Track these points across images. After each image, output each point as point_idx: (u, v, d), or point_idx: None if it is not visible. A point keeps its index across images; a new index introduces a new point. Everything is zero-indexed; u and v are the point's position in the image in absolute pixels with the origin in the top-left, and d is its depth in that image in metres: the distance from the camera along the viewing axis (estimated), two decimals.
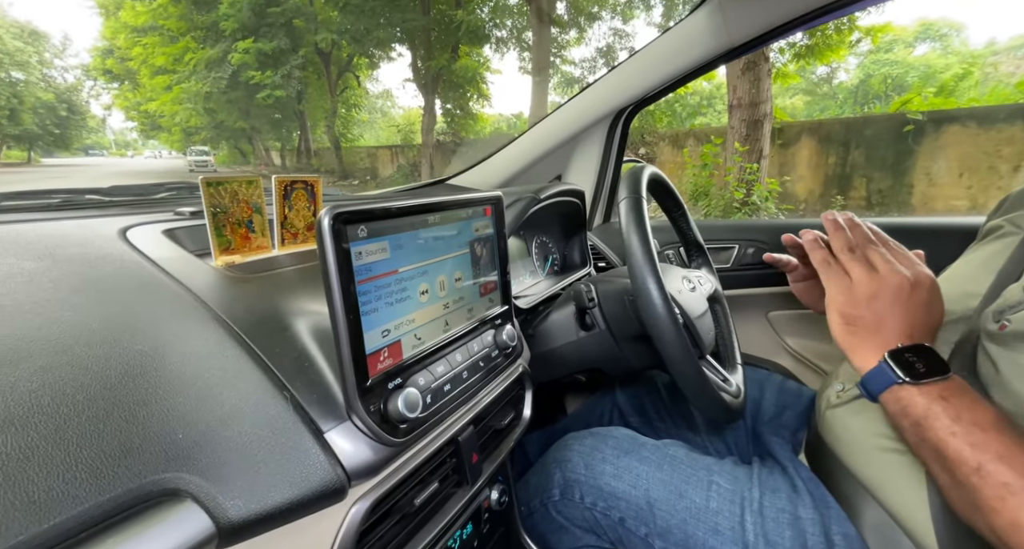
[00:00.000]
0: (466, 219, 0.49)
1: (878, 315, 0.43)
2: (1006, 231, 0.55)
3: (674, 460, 0.59)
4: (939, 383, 0.40)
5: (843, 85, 13.07)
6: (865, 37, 5.87)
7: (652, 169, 0.72)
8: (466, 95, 11.00)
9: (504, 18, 9.76)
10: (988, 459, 0.35)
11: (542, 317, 0.75)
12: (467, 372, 0.46)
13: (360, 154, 15.70)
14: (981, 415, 0.37)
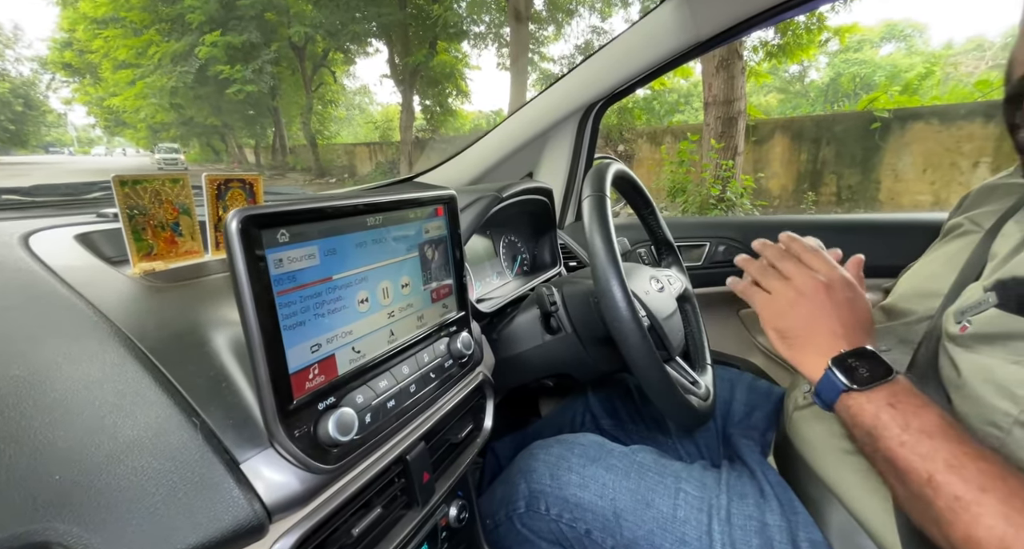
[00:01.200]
0: (414, 220, 0.45)
1: (806, 321, 0.44)
2: (966, 229, 0.55)
3: (642, 467, 0.57)
4: (886, 387, 0.39)
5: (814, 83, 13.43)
6: (834, 37, 6.03)
7: (618, 166, 0.69)
8: (445, 91, 10.86)
9: (481, 14, 9.68)
10: (938, 469, 0.34)
11: (507, 321, 0.72)
12: (415, 385, 0.43)
13: (337, 151, 15.38)
14: (928, 420, 0.37)
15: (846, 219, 0.98)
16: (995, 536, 0.31)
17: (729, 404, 0.74)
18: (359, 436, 0.35)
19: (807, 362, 0.44)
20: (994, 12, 14.43)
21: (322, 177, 13.64)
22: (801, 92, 13.33)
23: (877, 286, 0.89)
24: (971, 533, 0.32)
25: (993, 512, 0.31)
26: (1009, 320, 0.39)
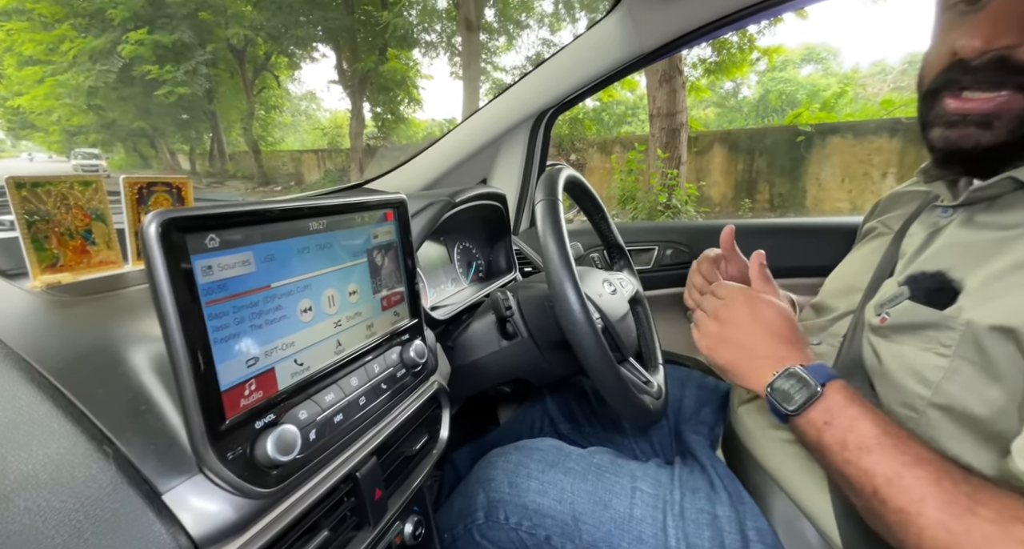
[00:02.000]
0: (362, 225, 0.44)
1: (733, 351, 0.48)
2: (880, 231, 0.60)
3: (599, 468, 0.57)
4: (819, 405, 0.41)
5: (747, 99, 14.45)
6: (763, 56, 6.53)
7: (569, 171, 0.70)
8: (396, 99, 10.68)
9: (432, 22, 9.65)
10: (880, 484, 0.36)
11: (463, 328, 0.71)
12: (365, 397, 0.41)
13: (283, 158, 14.67)
14: (863, 434, 0.38)
15: (779, 223, 1.06)
16: (940, 546, 0.32)
17: (680, 401, 0.77)
18: (302, 455, 0.33)
19: (753, 387, 0.46)
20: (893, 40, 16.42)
21: (266, 185, 12.96)
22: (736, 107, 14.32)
23: (810, 285, 0.96)
24: (920, 544, 0.33)
25: (933, 523, 0.33)
26: (919, 310, 0.43)
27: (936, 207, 0.50)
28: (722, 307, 0.50)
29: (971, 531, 0.31)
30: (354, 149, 10.45)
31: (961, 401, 0.39)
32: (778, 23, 6.10)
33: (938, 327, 0.41)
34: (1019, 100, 0.39)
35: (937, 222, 0.49)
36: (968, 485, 0.33)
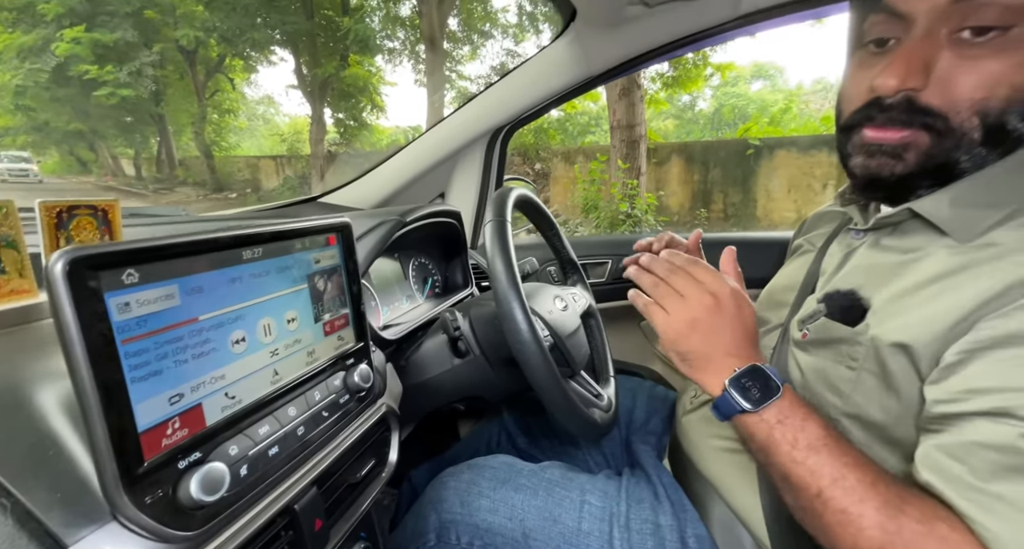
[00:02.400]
0: (302, 250, 0.43)
1: (703, 343, 0.45)
2: (805, 249, 0.65)
3: (550, 483, 0.59)
4: (775, 404, 0.41)
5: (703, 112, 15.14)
6: (716, 72, 6.88)
7: (520, 190, 0.72)
8: (359, 105, 10.49)
9: (395, 30, 9.59)
10: (825, 484, 0.37)
11: (416, 346, 0.71)
12: (304, 427, 0.40)
13: (238, 164, 14.07)
14: (813, 434, 0.39)
15: (722, 236, 1.11)
16: (875, 545, 0.34)
17: (631, 412, 0.79)
18: (231, 492, 0.32)
19: (707, 381, 0.45)
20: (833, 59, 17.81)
21: (219, 192, 12.38)
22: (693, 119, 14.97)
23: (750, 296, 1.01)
24: (857, 544, 0.35)
25: (872, 523, 0.34)
26: (834, 327, 0.47)
27: (850, 229, 0.54)
28: (704, 295, 0.45)
29: (903, 530, 0.33)
30: (315, 156, 10.18)
31: (865, 409, 0.43)
32: (729, 41, 6.47)
33: (849, 343, 0.44)
34: (924, 137, 0.41)
35: (851, 243, 0.53)
36: (897, 487, 0.36)
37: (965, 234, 0.41)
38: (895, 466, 0.42)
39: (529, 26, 9.66)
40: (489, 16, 9.57)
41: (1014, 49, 0.37)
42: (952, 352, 0.37)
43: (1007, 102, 0.38)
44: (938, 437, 0.36)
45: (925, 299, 0.40)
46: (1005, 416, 0.33)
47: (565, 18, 0.82)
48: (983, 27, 0.37)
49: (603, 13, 0.75)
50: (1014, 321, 0.34)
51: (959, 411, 0.35)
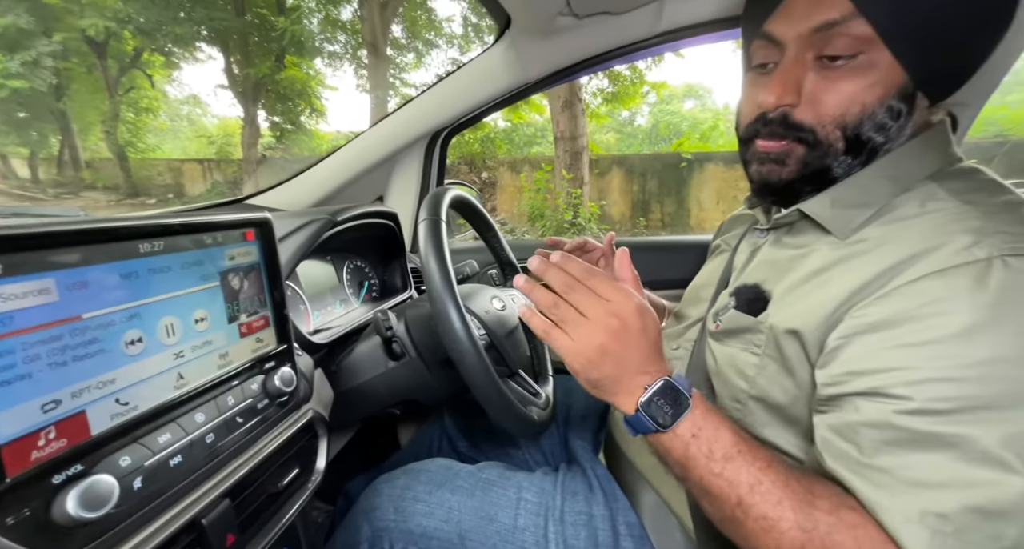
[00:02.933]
0: (213, 246, 0.40)
1: (614, 366, 0.42)
2: (722, 248, 0.70)
3: (487, 483, 0.58)
4: (687, 418, 0.41)
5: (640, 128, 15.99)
6: (652, 90, 7.32)
7: (456, 191, 0.72)
8: (296, 108, 10.02)
9: (336, 33, 9.32)
10: (744, 492, 0.37)
11: (348, 351, 0.68)
12: (214, 434, 0.38)
13: (158, 167, 12.87)
14: (726, 442, 0.40)
15: (650, 240, 1.18)
16: (797, 545, 0.35)
17: (569, 409, 0.81)
18: (121, 507, 0.29)
19: (619, 403, 0.43)
20: None
21: (135, 197, 11.26)
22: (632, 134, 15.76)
23: (675, 295, 1.08)
24: (780, 547, 0.36)
25: (791, 524, 0.35)
26: (741, 317, 0.51)
27: (756, 229, 0.60)
28: (609, 316, 0.41)
29: (818, 525, 0.35)
30: (248, 160, 9.57)
31: (768, 391, 0.47)
32: (660, 62, 6.92)
33: (753, 331, 0.49)
34: (799, 148, 0.46)
35: (756, 242, 0.58)
36: (806, 480, 0.38)
37: (842, 231, 0.46)
38: (792, 442, 0.46)
39: (475, 37, 9.77)
40: (434, 25, 9.55)
41: (863, 73, 0.42)
42: (833, 337, 0.41)
43: (861, 117, 0.43)
44: (827, 417, 0.40)
45: (811, 290, 0.45)
46: (879, 395, 0.36)
47: (500, 25, 0.84)
48: (836, 55, 0.43)
49: (536, 22, 0.78)
50: (879, 308, 0.38)
51: (841, 392, 0.39)
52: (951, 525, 0.32)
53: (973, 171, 0.45)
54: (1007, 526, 0.31)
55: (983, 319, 0.34)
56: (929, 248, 0.38)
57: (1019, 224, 0.37)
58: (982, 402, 0.33)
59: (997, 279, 0.35)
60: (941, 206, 0.41)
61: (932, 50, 0.41)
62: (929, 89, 0.44)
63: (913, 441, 0.34)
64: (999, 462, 0.32)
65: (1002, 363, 0.33)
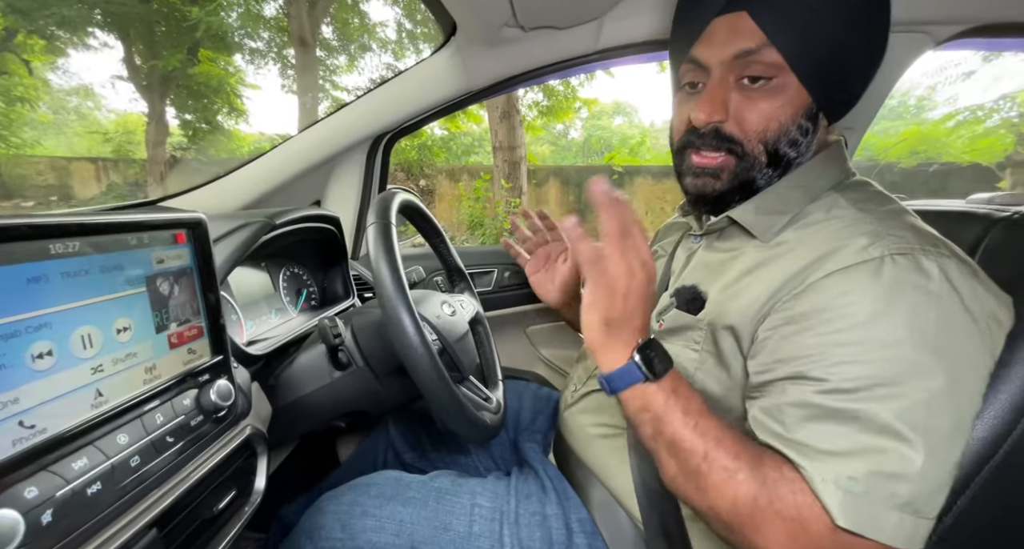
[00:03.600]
0: (139, 247, 0.37)
1: (630, 312, 0.43)
2: (660, 254, 0.75)
3: (440, 492, 0.57)
4: (671, 375, 0.44)
5: (574, 141, 16.65)
6: (584, 106, 7.66)
7: (404, 195, 0.71)
8: (212, 106, 9.19)
9: (257, 29, 8.73)
10: (711, 446, 0.41)
11: (288, 362, 0.64)
12: (140, 457, 0.34)
13: (38, 166, 11.17)
14: (698, 402, 0.43)
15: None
16: (750, 496, 0.39)
17: (518, 413, 0.82)
18: (25, 547, 0.25)
19: (614, 351, 0.44)
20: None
21: (8, 199, 9.68)
22: (566, 147, 16.36)
23: None
24: (736, 497, 0.39)
25: (746, 476, 0.39)
26: (681, 316, 0.55)
27: (690, 236, 0.65)
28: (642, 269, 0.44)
29: (766, 480, 0.39)
30: (153, 160, 8.60)
31: (706, 384, 0.51)
32: (592, 79, 7.28)
33: (692, 328, 0.53)
34: (732, 160, 0.51)
35: (691, 247, 0.63)
36: (754, 445, 0.42)
37: (765, 235, 0.52)
38: None
39: (409, 44, 9.65)
40: (367, 28, 9.31)
41: (777, 94, 0.48)
42: (762, 330, 0.46)
43: (778, 133, 0.50)
44: (759, 401, 0.45)
45: (742, 289, 0.50)
46: (801, 378, 0.41)
47: (446, 31, 0.84)
48: (754, 77, 0.48)
49: (482, 31, 0.79)
50: (798, 302, 0.44)
51: (770, 378, 0.44)
52: (860, 486, 0.37)
53: (865, 184, 0.53)
54: (902, 486, 0.36)
55: (880, 308, 0.40)
56: (835, 249, 0.44)
57: (903, 228, 0.44)
58: (881, 380, 0.38)
59: (888, 274, 0.41)
60: (842, 213, 0.48)
61: (830, 76, 0.48)
62: (828, 110, 0.51)
63: (828, 416, 0.39)
64: (894, 433, 0.37)
65: (895, 346, 0.39)
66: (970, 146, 5.83)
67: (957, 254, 0.42)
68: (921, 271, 0.40)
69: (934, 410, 0.37)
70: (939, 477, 0.37)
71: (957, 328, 0.39)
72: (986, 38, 0.74)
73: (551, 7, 0.73)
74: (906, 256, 0.41)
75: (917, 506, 0.36)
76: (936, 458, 0.36)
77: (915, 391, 0.37)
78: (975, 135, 5.89)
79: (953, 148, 5.95)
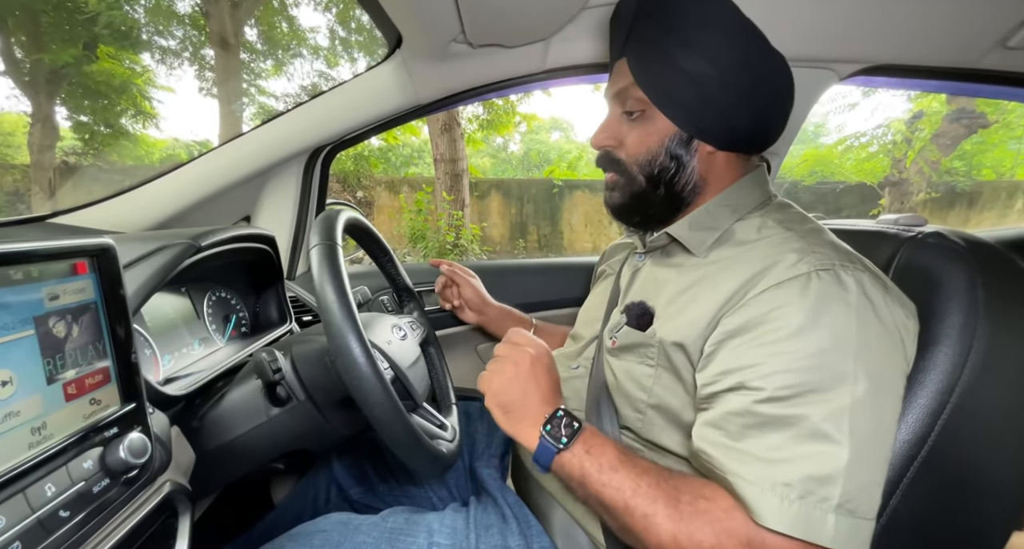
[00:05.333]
0: (23, 282, 0.30)
1: (521, 395, 0.51)
2: (608, 273, 0.77)
3: (393, 533, 0.53)
4: (581, 438, 0.47)
5: (514, 154, 16.96)
6: (523, 121, 7.84)
7: (350, 212, 0.66)
8: (114, 108, 8.23)
9: (169, 25, 8.02)
10: (628, 496, 0.43)
11: (216, 399, 0.57)
12: (21, 542, 0.27)
13: None
14: (611, 456, 0.46)
15: (538, 263, 1.24)
16: (670, 535, 0.41)
17: (473, 437, 0.79)
18: None
19: (524, 433, 0.50)
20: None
21: None
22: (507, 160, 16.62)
23: (566, 315, 1.15)
24: (660, 541, 0.41)
25: (663, 518, 0.41)
26: (632, 333, 0.56)
27: (636, 254, 0.67)
28: (521, 352, 0.53)
29: (682, 515, 0.41)
30: (39, 166, 7.51)
31: (663, 398, 0.52)
32: (530, 96, 7.49)
33: (644, 345, 0.54)
34: (619, 178, 0.60)
35: (637, 264, 0.65)
36: (673, 479, 0.44)
37: (698, 248, 0.55)
38: (682, 443, 0.52)
39: (343, 52, 9.36)
40: (296, 34, 8.90)
41: (645, 125, 0.56)
42: (708, 344, 0.48)
43: (648, 156, 0.56)
44: (705, 414, 0.46)
45: (686, 304, 0.52)
46: (742, 389, 0.43)
47: (391, 43, 0.82)
48: (629, 111, 0.57)
49: (429, 45, 0.78)
50: (739, 316, 0.46)
51: (715, 390, 0.45)
52: (795, 492, 0.39)
53: (786, 205, 0.58)
54: (833, 488, 0.39)
55: (808, 320, 0.43)
56: (769, 265, 0.47)
57: (824, 246, 0.48)
58: (811, 387, 0.41)
59: (815, 288, 0.44)
60: (771, 232, 0.52)
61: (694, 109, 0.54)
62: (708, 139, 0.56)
63: (766, 424, 0.41)
64: (824, 435, 0.39)
65: (822, 354, 0.42)
66: (857, 168, 6.71)
67: (870, 268, 0.47)
68: (841, 284, 0.44)
69: (858, 413, 0.40)
70: (867, 475, 0.39)
71: (873, 336, 0.43)
72: (878, 76, 0.85)
73: (500, 26, 0.73)
74: (828, 271, 0.45)
75: (851, 506, 0.39)
76: (862, 457, 0.39)
77: (841, 396, 0.40)
78: (860, 158, 6.79)
79: (844, 169, 6.81)
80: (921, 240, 0.52)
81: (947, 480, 0.46)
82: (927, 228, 0.54)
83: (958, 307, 0.46)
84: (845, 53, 0.81)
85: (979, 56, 0.81)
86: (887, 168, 6.44)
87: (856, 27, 0.77)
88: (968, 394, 0.44)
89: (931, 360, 0.45)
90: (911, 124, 6.12)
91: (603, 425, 0.56)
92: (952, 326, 0.46)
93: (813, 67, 0.83)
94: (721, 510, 0.41)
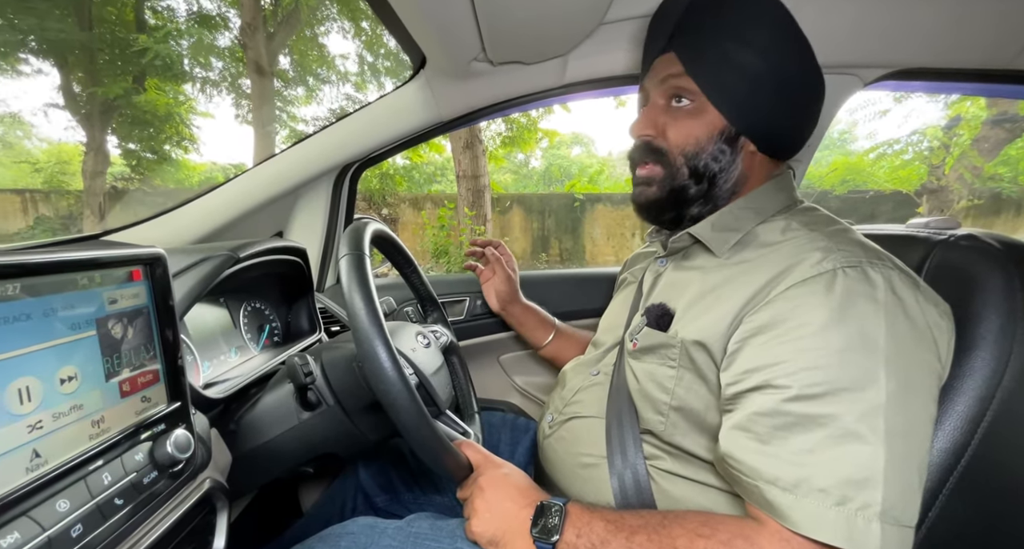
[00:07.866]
0: (89, 287, 0.33)
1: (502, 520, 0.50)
2: (629, 281, 0.77)
3: (418, 538, 0.54)
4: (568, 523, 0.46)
5: (535, 169, 17.13)
6: (544, 137, 7.94)
7: (376, 225, 0.69)
8: (160, 135, 8.79)
9: (210, 58, 8.55)
10: None
11: (251, 404, 0.60)
12: (83, 525, 0.29)
13: None
14: (598, 529, 0.45)
15: (566, 273, 1.25)
16: None
17: (497, 447, 0.79)
18: None
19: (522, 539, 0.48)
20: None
21: None
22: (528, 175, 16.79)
23: (589, 324, 1.14)
24: None
25: None
26: (653, 334, 0.56)
27: (657, 259, 0.67)
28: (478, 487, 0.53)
29: None
30: (91, 192, 8.04)
31: (687, 400, 0.51)
32: (551, 113, 7.58)
33: (666, 346, 0.54)
34: (660, 170, 0.58)
35: (659, 269, 0.66)
36: (665, 528, 0.43)
37: (720, 249, 0.55)
38: (705, 445, 0.51)
39: (371, 76, 9.75)
40: (326, 61, 9.34)
41: (695, 116, 0.56)
42: (732, 342, 0.47)
43: (696, 148, 0.56)
44: (731, 416, 0.45)
45: (709, 305, 0.52)
46: (768, 387, 0.43)
47: (416, 63, 0.86)
48: (678, 97, 0.57)
49: (451, 65, 0.81)
50: (763, 314, 0.46)
51: (740, 389, 0.45)
52: (831, 498, 0.37)
53: (812, 209, 0.57)
54: (874, 492, 0.37)
55: (834, 317, 0.42)
56: (793, 264, 0.47)
57: (850, 244, 0.48)
58: (840, 385, 0.40)
59: (840, 285, 0.43)
60: (796, 234, 0.52)
61: (743, 105, 0.54)
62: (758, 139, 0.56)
63: (796, 424, 0.40)
64: (857, 436, 0.38)
65: (849, 351, 0.41)
66: (891, 175, 6.47)
67: (899, 266, 0.46)
68: (869, 281, 0.43)
69: (891, 413, 0.39)
70: (904, 479, 0.38)
71: (903, 334, 0.41)
72: (906, 81, 0.83)
73: (519, 44, 0.76)
74: (855, 268, 0.44)
75: (896, 514, 0.37)
76: (897, 459, 0.38)
77: (872, 394, 0.39)
78: (894, 166, 6.56)
79: (877, 177, 6.59)
80: (954, 243, 0.50)
81: (990, 490, 0.44)
82: (959, 231, 0.52)
83: (996, 310, 0.44)
84: (868, 58, 0.80)
85: (1013, 56, 0.79)
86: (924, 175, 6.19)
87: (879, 30, 0.76)
88: (1011, 399, 0.42)
89: (969, 365, 0.44)
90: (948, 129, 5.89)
91: (624, 431, 0.56)
92: (990, 330, 0.44)
93: (836, 73, 0.83)
94: (720, 543, 0.40)
